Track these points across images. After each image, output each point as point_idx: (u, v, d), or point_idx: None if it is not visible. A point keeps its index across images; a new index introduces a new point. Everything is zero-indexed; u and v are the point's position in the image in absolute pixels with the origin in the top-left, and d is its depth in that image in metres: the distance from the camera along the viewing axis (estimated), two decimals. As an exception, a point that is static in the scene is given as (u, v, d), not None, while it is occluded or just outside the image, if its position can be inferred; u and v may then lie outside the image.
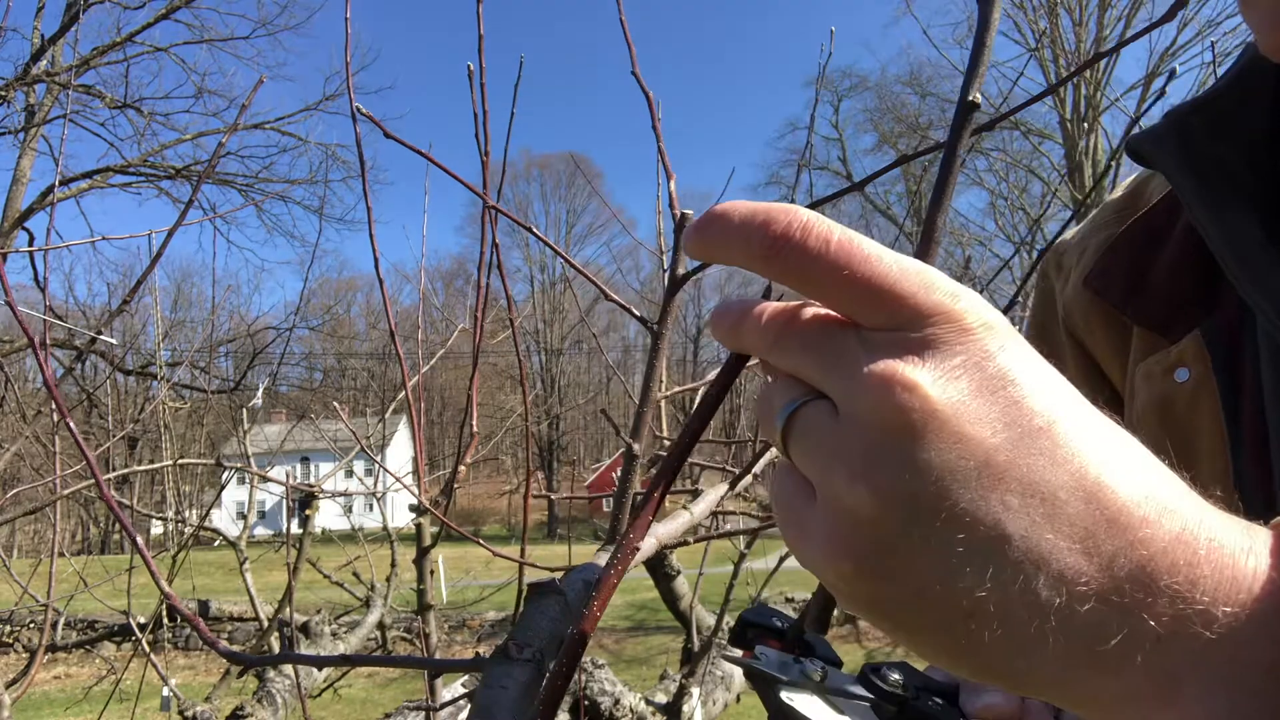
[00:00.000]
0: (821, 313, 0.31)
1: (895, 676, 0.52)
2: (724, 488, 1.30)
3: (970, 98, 0.40)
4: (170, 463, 2.52)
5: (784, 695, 0.49)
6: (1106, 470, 0.27)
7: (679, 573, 3.38)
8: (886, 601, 0.29)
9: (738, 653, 0.54)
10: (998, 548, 0.27)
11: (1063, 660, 0.27)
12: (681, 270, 0.75)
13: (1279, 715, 0.25)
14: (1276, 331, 0.51)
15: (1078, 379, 0.69)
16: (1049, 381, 0.29)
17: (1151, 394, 0.60)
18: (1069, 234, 0.74)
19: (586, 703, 2.85)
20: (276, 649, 3.32)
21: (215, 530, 3.47)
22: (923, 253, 0.35)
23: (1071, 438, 0.27)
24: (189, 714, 2.84)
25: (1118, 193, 0.71)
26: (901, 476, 0.27)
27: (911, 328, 0.28)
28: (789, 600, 4.14)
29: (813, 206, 0.73)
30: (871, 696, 0.51)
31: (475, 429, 1.49)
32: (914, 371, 0.27)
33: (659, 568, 3.29)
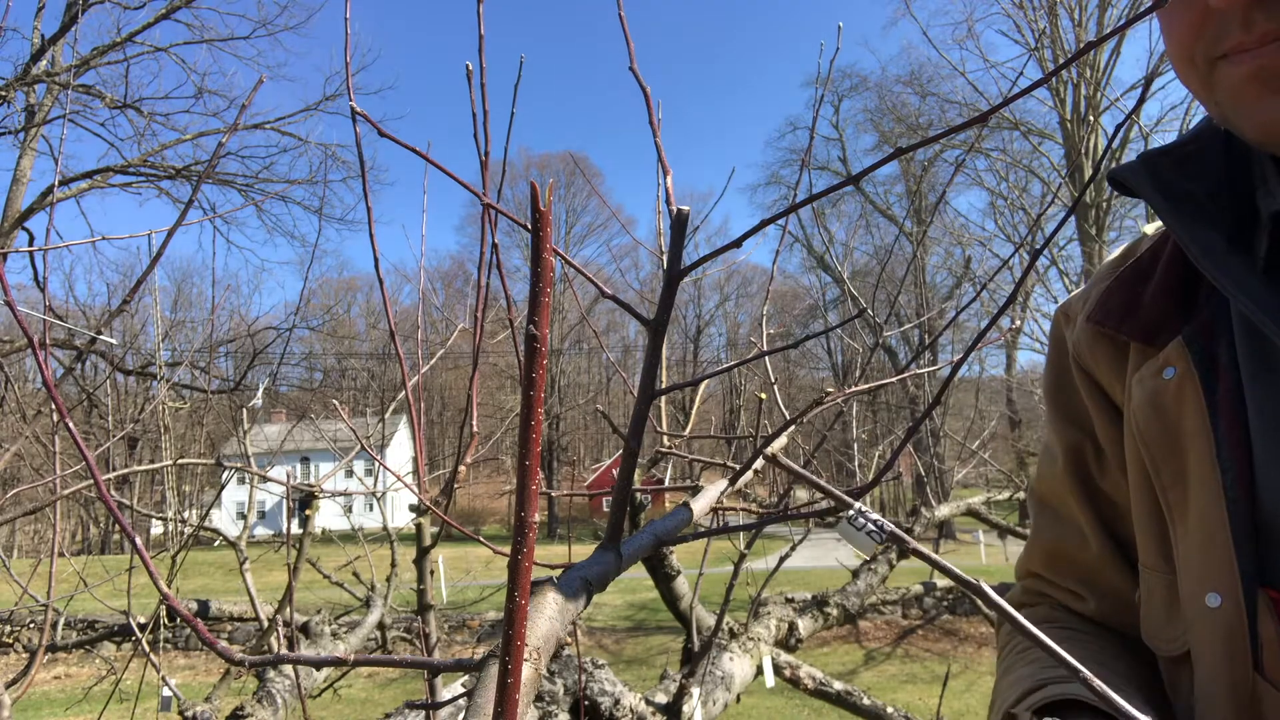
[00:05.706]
0: None
1: None
2: (724, 484, 1.30)
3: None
4: (170, 463, 2.52)
5: None
6: None
7: (679, 573, 3.38)
8: None
9: None
10: None
11: None
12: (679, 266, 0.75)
13: None
14: (1251, 314, 0.62)
15: (1088, 403, 0.85)
16: None
17: (1144, 393, 0.73)
18: (1075, 294, 0.91)
19: (586, 703, 2.85)
20: (276, 649, 3.32)
21: (215, 530, 3.47)
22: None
23: None
24: (189, 714, 2.84)
25: (1113, 255, 0.88)
26: None
27: None
28: (789, 600, 4.15)
29: (810, 203, 0.73)
30: None
31: (475, 429, 1.49)
32: None
33: (659, 568, 3.28)
